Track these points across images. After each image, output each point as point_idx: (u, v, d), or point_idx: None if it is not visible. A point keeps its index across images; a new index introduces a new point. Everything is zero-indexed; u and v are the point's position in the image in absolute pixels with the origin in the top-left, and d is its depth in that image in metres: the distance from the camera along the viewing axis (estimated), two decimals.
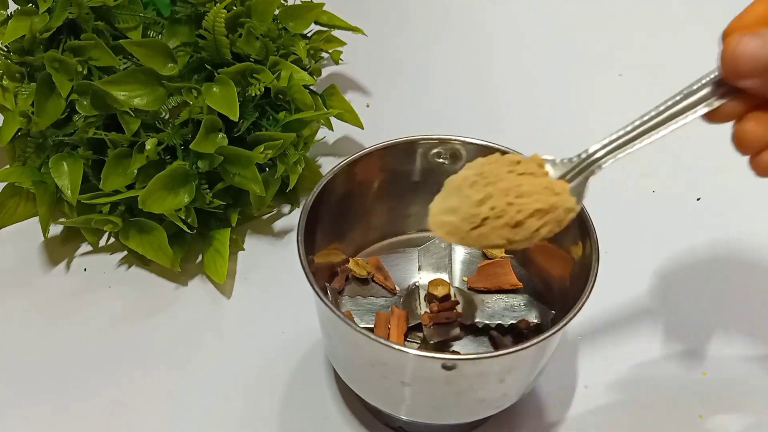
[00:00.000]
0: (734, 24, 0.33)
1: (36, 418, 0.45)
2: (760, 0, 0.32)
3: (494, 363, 0.36)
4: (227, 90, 0.51)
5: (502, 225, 0.33)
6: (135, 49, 0.52)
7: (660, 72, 0.74)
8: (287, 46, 0.57)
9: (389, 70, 0.74)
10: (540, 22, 0.82)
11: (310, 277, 0.38)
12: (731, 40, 0.31)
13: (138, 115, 0.51)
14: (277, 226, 0.58)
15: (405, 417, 0.41)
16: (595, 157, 0.35)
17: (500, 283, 0.47)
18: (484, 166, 0.35)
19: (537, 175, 0.35)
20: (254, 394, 0.46)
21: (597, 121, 0.67)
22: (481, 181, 0.34)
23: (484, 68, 0.75)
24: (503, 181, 0.34)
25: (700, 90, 0.34)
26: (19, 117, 0.52)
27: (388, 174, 0.47)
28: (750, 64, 0.30)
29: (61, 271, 0.54)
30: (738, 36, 0.30)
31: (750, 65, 0.30)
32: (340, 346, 0.40)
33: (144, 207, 0.48)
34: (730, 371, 0.48)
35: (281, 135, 0.52)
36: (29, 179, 0.52)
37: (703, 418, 0.46)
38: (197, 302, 0.52)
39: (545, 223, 0.33)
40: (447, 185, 0.35)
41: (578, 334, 0.50)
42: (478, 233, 0.33)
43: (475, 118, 0.68)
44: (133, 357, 0.49)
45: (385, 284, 0.47)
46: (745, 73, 0.30)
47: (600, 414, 0.46)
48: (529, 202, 0.33)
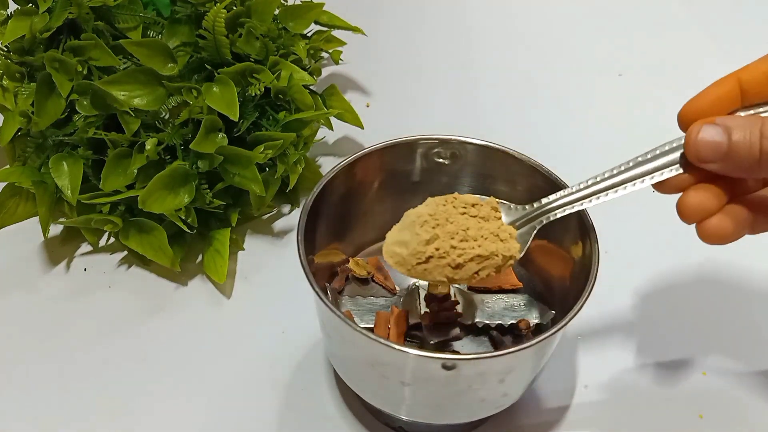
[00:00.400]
0: (690, 106, 0.36)
1: (35, 418, 0.45)
2: (714, 84, 0.36)
3: (494, 363, 0.36)
4: (227, 90, 0.51)
5: (444, 265, 0.36)
6: (135, 49, 0.52)
7: (660, 72, 0.74)
8: (287, 46, 0.57)
9: (389, 70, 0.74)
10: (540, 22, 0.82)
11: (310, 277, 0.38)
12: (693, 128, 0.34)
13: (138, 115, 0.51)
14: (277, 226, 0.58)
15: (405, 417, 0.41)
16: (547, 209, 0.38)
17: (500, 283, 0.47)
18: (439, 206, 0.38)
19: (489, 219, 0.38)
20: (254, 394, 0.46)
21: (597, 121, 0.67)
22: (431, 221, 0.37)
23: (484, 68, 0.75)
24: (453, 223, 0.37)
25: (659, 158, 0.36)
26: (19, 117, 0.52)
27: (388, 174, 0.47)
28: (710, 152, 0.34)
29: (61, 271, 0.54)
30: (698, 125, 0.34)
31: (710, 152, 0.34)
32: (340, 346, 0.40)
33: (144, 207, 0.48)
34: (730, 371, 0.48)
35: (281, 135, 0.52)
36: (29, 179, 0.52)
37: (703, 417, 0.46)
38: (197, 302, 0.52)
39: (483, 268, 0.37)
40: (404, 218, 0.38)
41: (578, 334, 0.50)
42: (423, 268, 0.37)
43: (475, 118, 0.68)
44: (133, 357, 0.49)
45: (385, 284, 0.47)
46: (707, 159, 0.34)
47: (600, 414, 0.46)
48: (471, 247, 0.36)
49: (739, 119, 0.34)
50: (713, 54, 0.76)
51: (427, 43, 0.79)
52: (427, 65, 0.76)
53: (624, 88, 0.72)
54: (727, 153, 0.33)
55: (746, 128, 0.33)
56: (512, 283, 0.47)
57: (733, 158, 0.33)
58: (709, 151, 0.34)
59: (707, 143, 0.33)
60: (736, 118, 0.34)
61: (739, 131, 0.33)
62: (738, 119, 0.34)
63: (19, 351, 0.49)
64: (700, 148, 0.34)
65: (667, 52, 0.77)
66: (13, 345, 0.49)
